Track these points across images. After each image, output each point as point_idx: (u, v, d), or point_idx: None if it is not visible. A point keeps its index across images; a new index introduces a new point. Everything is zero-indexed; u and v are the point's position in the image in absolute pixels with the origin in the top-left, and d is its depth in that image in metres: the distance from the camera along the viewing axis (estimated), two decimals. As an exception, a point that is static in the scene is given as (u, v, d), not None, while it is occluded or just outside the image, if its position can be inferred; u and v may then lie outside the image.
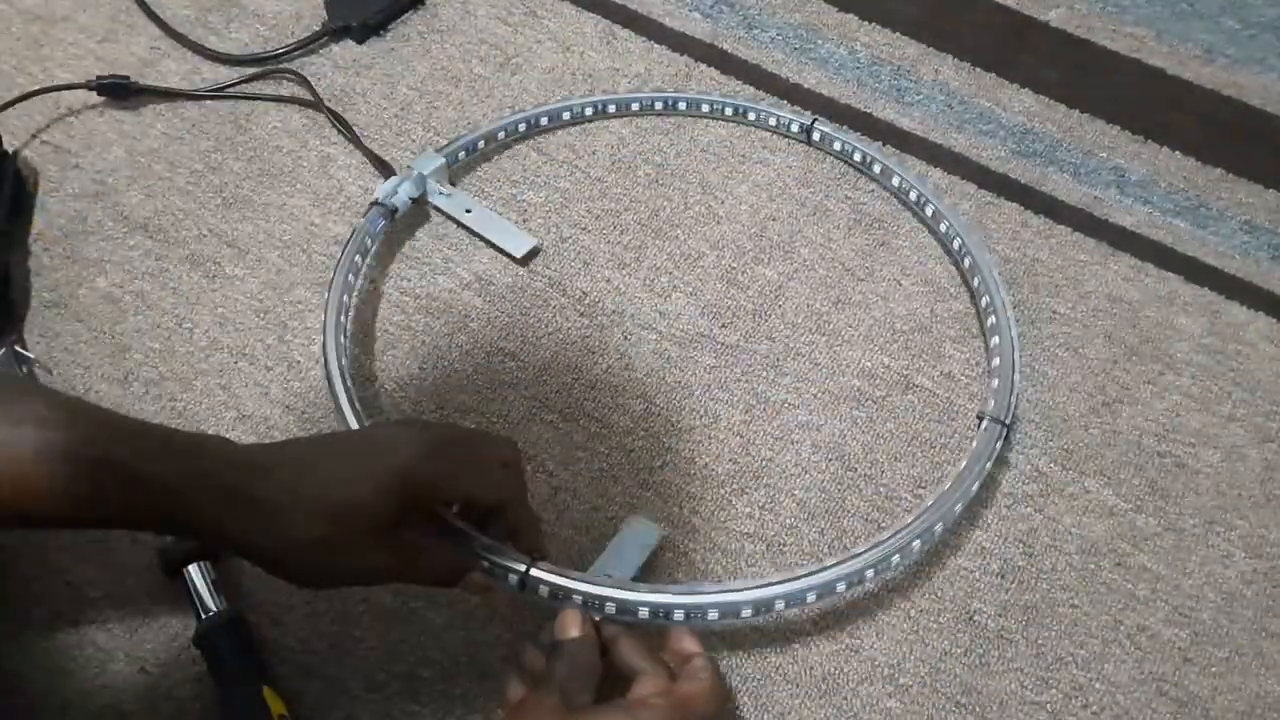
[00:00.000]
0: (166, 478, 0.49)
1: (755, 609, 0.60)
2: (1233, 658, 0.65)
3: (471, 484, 0.57)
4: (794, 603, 0.61)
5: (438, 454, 0.56)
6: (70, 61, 0.85)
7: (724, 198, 0.81)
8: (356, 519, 0.52)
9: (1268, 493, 0.71)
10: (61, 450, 0.48)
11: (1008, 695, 0.64)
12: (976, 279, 0.75)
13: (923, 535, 0.64)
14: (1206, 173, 0.84)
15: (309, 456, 0.55)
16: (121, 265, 0.77)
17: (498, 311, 0.76)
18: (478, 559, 0.58)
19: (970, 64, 0.89)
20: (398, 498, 0.53)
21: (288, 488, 0.52)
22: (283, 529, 0.51)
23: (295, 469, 0.53)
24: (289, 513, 0.51)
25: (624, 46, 0.88)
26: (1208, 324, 0.77)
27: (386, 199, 0.77)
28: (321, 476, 0.53)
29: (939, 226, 0.78)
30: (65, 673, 0.62)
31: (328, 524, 0.52)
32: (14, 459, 0.47)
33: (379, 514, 0.53)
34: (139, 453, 0.50)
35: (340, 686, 0.62)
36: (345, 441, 0.60)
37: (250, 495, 0.51)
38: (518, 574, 0.58)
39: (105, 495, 0.49)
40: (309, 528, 0.51)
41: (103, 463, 0.48)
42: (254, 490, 0.51)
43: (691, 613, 0.59)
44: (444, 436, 0.58)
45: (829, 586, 0.61)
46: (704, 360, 0.75)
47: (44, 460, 0.47)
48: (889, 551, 0.63)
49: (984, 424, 0.69)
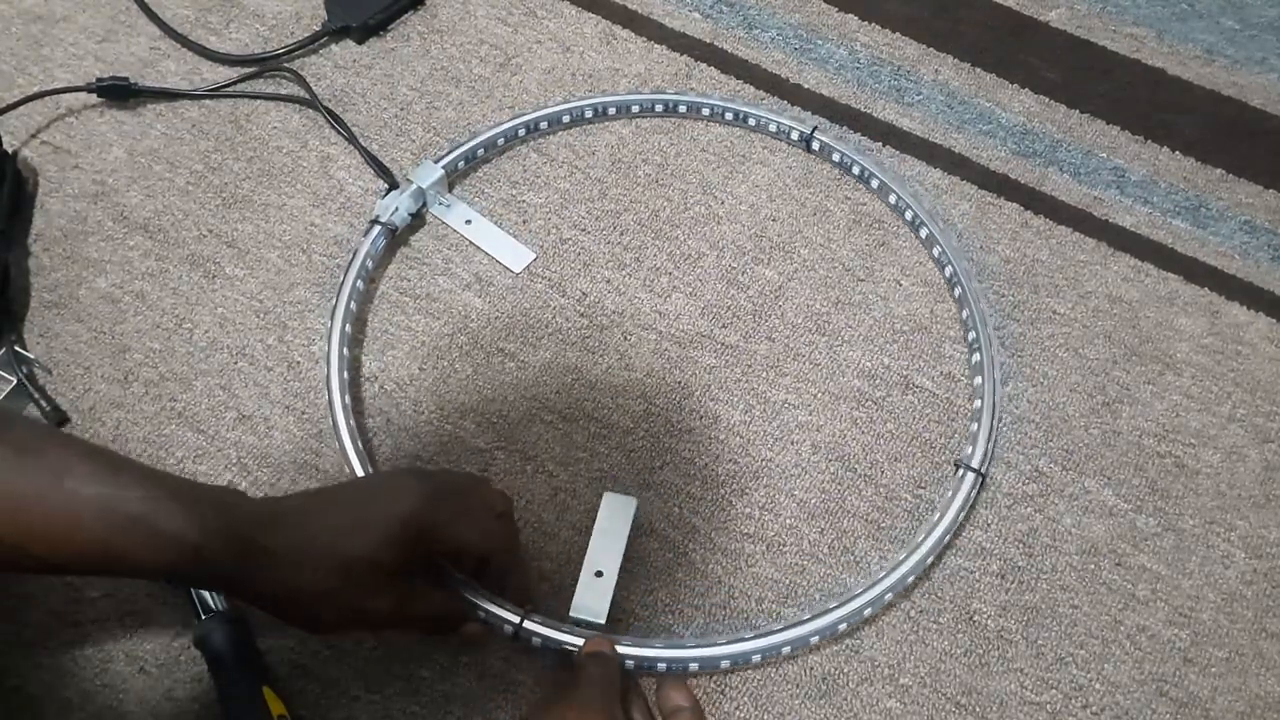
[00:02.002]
0: (188, 533, 0.51)
1: (733, 661, 0.63)
2: (1233, 658, 0.65)
3: (467, 532, 0.59)
4: (769, 656, 0.64)
5: (437, 503, 0.58)
6: (70, 62, 0.85)
7: (724, 198, 0.81)
8: (362, 568, 0.55)
9: (1268, 493, 0.71)
10: (98, 506, 0.49)
11: (1008, 695, 0.64)
12: (965, 311, 0.75)
13: (894, 588, 0.65)
14: (1206, 173, 0.84)
15: (315, 509, 0.57)
16: (121, 265, 0.77)
17: (498, 311, 0.76)
18: (474, 609, 0.62)
19: (970, 64, 0.89)
20: (400, 546, 0.56)
21: (296, 542, 0.54)
22: (292, 580, 0.54)
23: (302, 521, 0.56)
24: (298, 565, 0.54)
25: (624, 47, 0.88)
26: (1208, 324, 0.77)
27: (387, 218, 0.77)
28: (329, 527, 0.55)
29: (933, 250, 0.78)
30: (65, 673, 0.62)
31: (335, 574, 0.54)
32: (52, 514, 0.49)
33: (383, 562, 0.55)
34: (168, 509, 0.51)
35: (340, 687, 0.62)
36: (348, 492, 0.62)
37: (262, 548, 0.53)
38: (512, 625, 0.62)
39: (132, 550, 0.50)
40: (317, 578, 0.54)
41: (138, 519, 0.50)
42: (266, 543, 0.53)
43: (672, 665, 0.63)
44: (442, 485, 0.60)
45: (802, 640, 0.64)
46: (704, 360, 0.75)
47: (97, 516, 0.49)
48: (860, 606, 0.65)
49: (959, 472, 0.69)
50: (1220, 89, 0.88)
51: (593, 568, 0.65)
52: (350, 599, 0.55)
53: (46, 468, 0.50)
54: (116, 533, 0.50)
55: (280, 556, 0.54)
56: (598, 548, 0.66)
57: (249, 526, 0.53)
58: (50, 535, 0.49)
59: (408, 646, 0.63)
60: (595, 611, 0.64)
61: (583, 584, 0.64)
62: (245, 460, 0.70)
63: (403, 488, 0.58)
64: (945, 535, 0.67)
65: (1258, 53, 0.90)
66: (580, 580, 0.65)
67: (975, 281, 0.77)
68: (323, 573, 0.54)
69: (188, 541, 0.51)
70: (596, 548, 0.66)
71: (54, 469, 0.49)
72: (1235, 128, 0.86)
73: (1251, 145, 0.85)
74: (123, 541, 0.50)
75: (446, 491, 0.60)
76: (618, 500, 0.67)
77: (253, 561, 0.53)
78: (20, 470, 0.49)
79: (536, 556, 0.67)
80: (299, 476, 0.69)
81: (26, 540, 0.49)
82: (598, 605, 0.64)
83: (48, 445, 0.52)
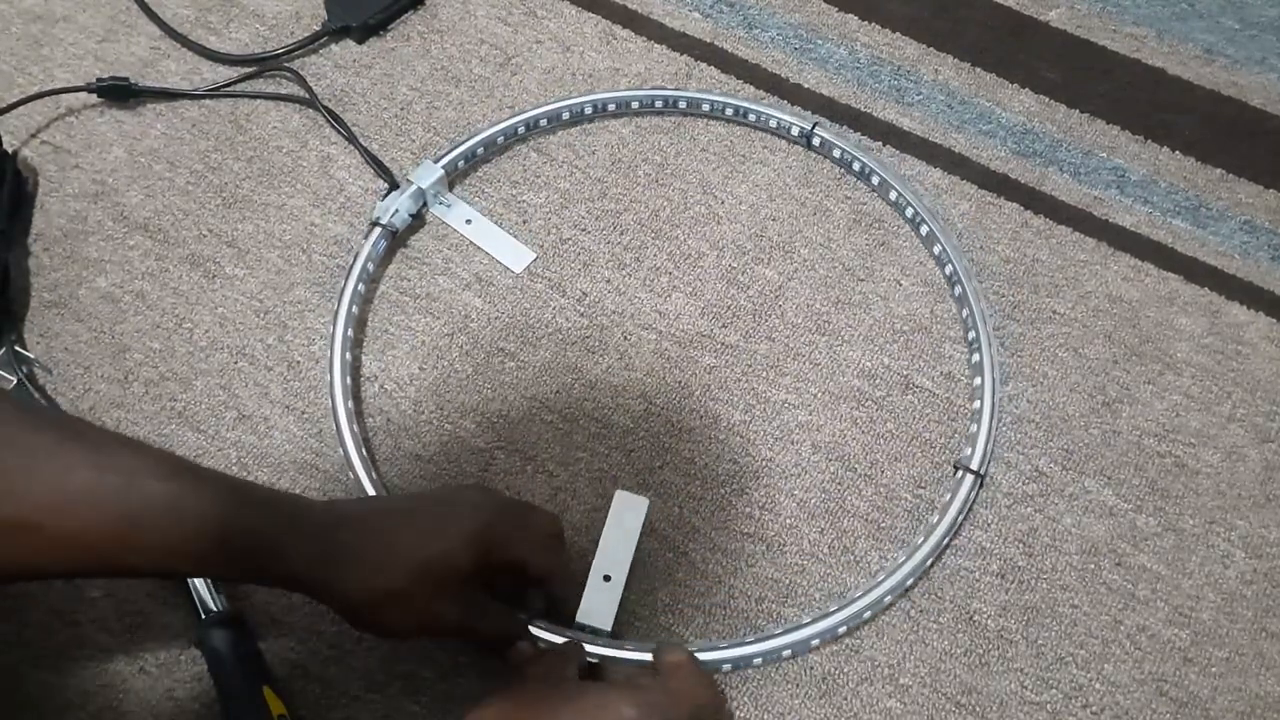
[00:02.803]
0: (265, 530, 0.53)
1: (735, 665, 0.64)
2: (1233, 658, 0.65)
3: (530, 548, 0.61)
4: (770, 659, 0.64)
5: (505, 516, 0.60)
6: (70, 62, 0.85)
7: (724, 198, 0.81)
8: (439, 572, 0.56)
9: (1268, 493, 0.71)
10: (166, 506, 0.50)
11: (1008, 695, 0.64)
12: (965, 311, 0.75)
13: (894, 590, 0.66)
14: (1206, 173, 0.84)
15: (394, 511, 0.59)
16: (121, 265, 0.77)
17: (498, 311, 0.76)
18: (525, 628, 0.62)
19: (970, 64, 0.89)
20: (475, 553, 0.57)
21: (383, 541, 0.56)
22: (372, 580, 0.55)
23: (383, 524, 0.57)
24: (379, 565, 0.55)
25: (624, 46, 0.88)
26: (1208, 324, 0.77)
27: (387, 220, 0.77)
28: (411, 531, 0.57)
29: (933, 248, 0.78)
30: (65, 673, 0.62)
31: (414, 576, 0.56)
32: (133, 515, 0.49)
33: (459, 568, 0.57)
34: (242, 509, 0.52)
35: (340, 687, 0.62)
36: (423, 502, 0.64)
37: (348, 546, 0.55)
38: None
39: (205, 549, 0.51)
40: (395, 579, 0.55)
41: (209, 519, 0.51)
42: (351, 542, 0.55)
43: None
44: (507, 503, 0.63)
45: (803, 644, 0.64)
46: (704, 360, 0.75)
47: (167, 517, 0.50)
48: (861, 609, 0.65)
49: (958, 474, 0.69)
50: (1220, 89, 0.88)
51: (601, 571, 0.65)
52: (425, 603, 0.56)
53: (119, 466, 0.50)
54: (191, 536, 0.50)
55: (364, 554, 0.55)
56: (607, 550, 0.65)
57: (334, 526, 0.55)
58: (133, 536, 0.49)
59: (410, 648, 0.63)
60: (601, 618, 0.63)
61: (590, 588, 0.64)
62: (245, 460, 0.70)
63: (476, 501, 0.60)
64: (945, 537, 0.67)
65: (1258, 53, 0.90)
66: (588, 584, 0.64)
67: (975, 281, 0.77)
68: (402, 574, 0.55)
69: (261, 537, 0.52)
70: (606, 550, 0.65)
71: (127, 467, 0.50)
72: (1235, 128, 0.86)
73: (1251, 145, 0.85)
74: (194, 544, 0.51)
75: (511, 509, 0.62)
76: (629, 500, 0.67)
77: (334, 559, 0.54)
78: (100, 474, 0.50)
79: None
80: (299, 476, 0.69)
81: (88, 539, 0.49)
82: (604, 611, 0.63)
83: (111, 442, 0.52)
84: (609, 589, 0.64)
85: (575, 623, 0.63)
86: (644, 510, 0.67)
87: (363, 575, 0.55)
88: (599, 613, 0.63)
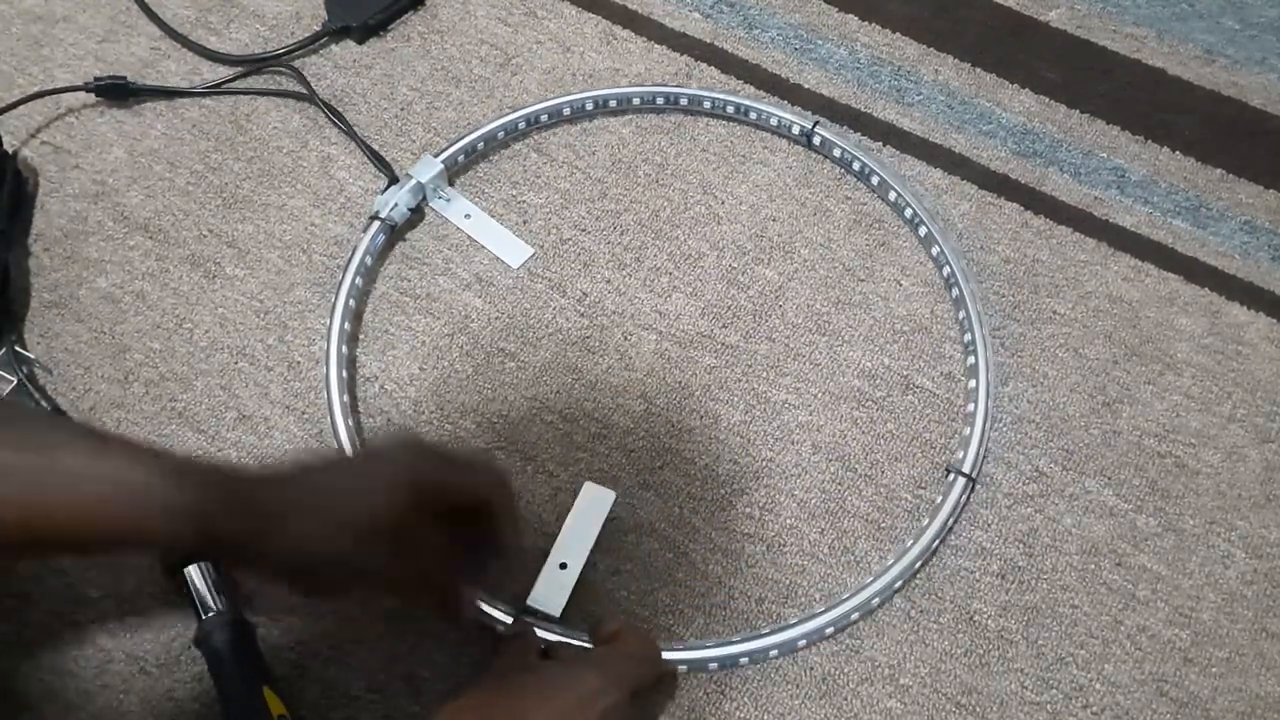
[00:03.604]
0: (199, 503, 0.51)
1: (721, 664, 0.64)
2: (1233, 658, 0.65)
3: (462, 473, 0.60)
4: (757, 659, 0.64)
5: (430, 459, 0.59)
6: (70, 62, 0.85)
7: (724, 198, 0.81)
8: (363, 522, 0.55)
9: (1268, 493, 0.71)
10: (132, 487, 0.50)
11: (1008, 695, 0.64)
12: (962, 312, 0.75)
13: (883, 592, 0.66)
14: (1206, 173, 0.84)
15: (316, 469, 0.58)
16: (121, 265, 0.77)
17: (498, 311, 0.76)
18: (477, 585, 0.62)
19: (970, 64, 0.89)
20: (398, 500, 0.56)
21: (304, 503, 0.55)
22: (295, 537, 0.54)
23: (301, 479, 0.56)
24: (304, 525, 0.54)
25: (624, 47, 0.88)
26: (1208, 324, 0.77)
27: (386, 213, 0.77)
28: (329, 485, 0.56)
29: (931, 250, 0.78)
30: (65, 673, 0.62)
31: (337, 529, 0.55)
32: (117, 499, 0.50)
33: (382, 516, 0.55)
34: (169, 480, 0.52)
35: (340, 687, 0.62)
36: (351, 457, 0.66)
37: (266, 509, 0.54)
38: (513, 614, 0.64)
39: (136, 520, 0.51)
40: (320, 534, 0.54)
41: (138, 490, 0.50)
42: (269, 504, 0.54)
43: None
44: (432, 447, 0.63)
45: (789, 644, 0.64)
46: (704, 360, 0.75)
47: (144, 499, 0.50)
48: (849, 610, 0.65)
49: (950, 477, 0.69)
50: (1220, 89, 0.88)
51: (558, 558, 0.66)
52: (353, 557, 0.55)
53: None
54: (122, 507, 0.50)
55: (284, 516, 0.54)
56: (567, 538, 0.67)
57: (251, 488, 0.54)
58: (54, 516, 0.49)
59: (410, 648, 0.63)
60: (553, 604, 0.64)
61: (545, 574, 0.65)
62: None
63: (399, 447, 0.60)
64: (935, 540, 0.67)
65: (1258, 53, 0.90)
66: (544, 570, 0.65)
67: (973, 283, 0.77)
68: (327, 528, 0.54)
69: (191, 509, 0.51)
70: (566, 538, 0.67)
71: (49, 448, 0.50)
72: (1235, 128, 0.86)
73: (1251, 145, 0.85)
74: (128, 514, 0.50)
75: (438, 451, 0.62)
76: (596, 491, 0.68)
77: (257, 524, 0.53)
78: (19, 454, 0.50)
79: (535, 556, 0.67)
80: (299, 476, 0.69)
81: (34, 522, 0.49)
82: (556, 598, 0.64)
83: (44, 431, 0.52)
84: (563, 576, 0.65)
85: (525, 605, 0.64)
86: (609, 502, 0.68)
87: (286, 537, 0.53)
88: (550, 598, 0.64)
